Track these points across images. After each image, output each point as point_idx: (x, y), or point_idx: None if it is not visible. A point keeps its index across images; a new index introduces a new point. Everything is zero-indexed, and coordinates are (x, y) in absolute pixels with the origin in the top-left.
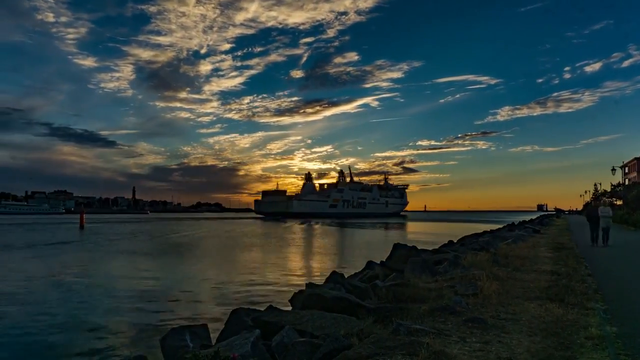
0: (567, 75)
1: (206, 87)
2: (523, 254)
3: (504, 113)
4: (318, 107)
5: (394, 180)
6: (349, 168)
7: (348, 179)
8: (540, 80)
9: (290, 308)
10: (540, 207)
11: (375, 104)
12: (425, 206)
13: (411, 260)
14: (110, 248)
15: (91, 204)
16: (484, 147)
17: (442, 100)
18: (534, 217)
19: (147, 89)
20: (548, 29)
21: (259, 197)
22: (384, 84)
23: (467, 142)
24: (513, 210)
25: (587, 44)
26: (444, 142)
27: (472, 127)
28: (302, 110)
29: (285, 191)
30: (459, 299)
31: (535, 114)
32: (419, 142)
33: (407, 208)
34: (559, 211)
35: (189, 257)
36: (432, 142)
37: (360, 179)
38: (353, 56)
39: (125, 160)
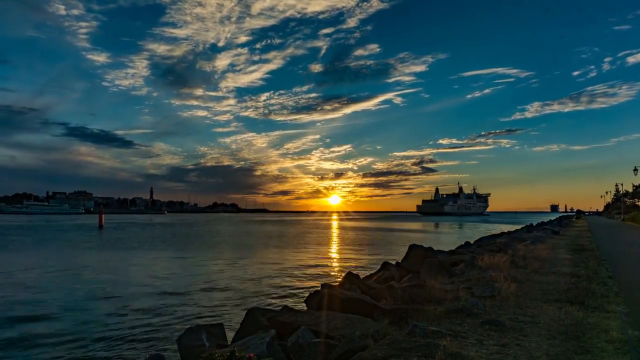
0: (607, 67)
1: (223, 84)
2: (542, 256)
3: (532, 109)
4: (337, 104)
5: (413, 179)
6: (458, 183)
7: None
8: (576, 73)
9: (305, 308)
10: (553, 208)
11: (396, 100)
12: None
13: (427, 262)
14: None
15: (110, 204)
16: (507, 145)
17: (469, 96)
18: (551, 218)
19: (162, 86)
20: (586, 15)
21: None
22: (407, 79)
23: (490, 140)
24: (526, 211)
25: (631, 31)
26: (465, 141)
27: (496, 125)
28: (320, 108)
29: (437, 200)
30: (475, 301)
31: (565, 110)
32: (440, 141)
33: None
34: (579, 212)
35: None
36: (454, 141)
37: (377, 179)
38: (374, 48)
39: (142, 161)
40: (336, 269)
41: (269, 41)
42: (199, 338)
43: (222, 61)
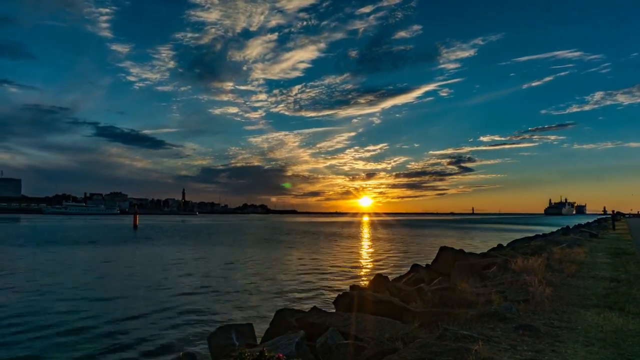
0: None
1: (253, 75)
2: (579, 259)
3: (592, 100)
4: (372, 97)
5: (449, 179)
6: (561, 197)
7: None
8: None
9: (334, 310)
10: (579, 209)
11: (438, 92)
12: (473, 209)
13: (458, 264)
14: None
15: (144, 205)
16: (555, 142)
17: (525, 85)
18: (590, 220)
19: (190, 80)
20: None
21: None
22: (451, 67)
23: (536, 136)
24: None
25: None
26: (508, 138)
27: (547, 119)
28: (355, 101)
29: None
30: (509, 305)
31: (627, 103)
32: (481, 138)
33: (453, 210)
34: (618, 214)
35: None
36: (496, 138)
37: (410, 179)
38: (417, 29)
39: (173, 161)
40: (365, 271)
41: (303, 23)
42: (228, 337)
43: (253, 50)
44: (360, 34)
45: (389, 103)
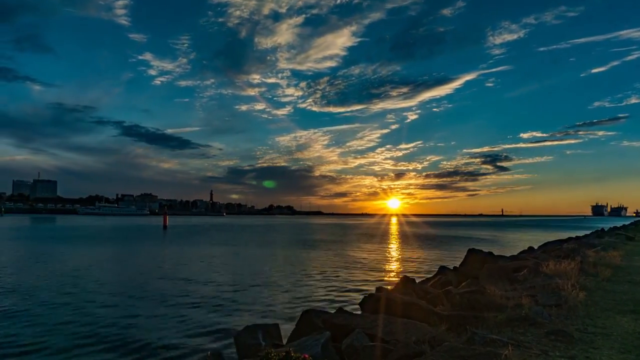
0: None
1: (281, 65)
2: (614, 263)
3: None
4: (406, 90)
5: (482, 180)
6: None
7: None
8: None
9: (360, 311)
10: (597, 210)
11: (481, 82)
12: (502, 210)
13: (487, 267)
14: None
15: (173, 206)
16: (602, 138)
17: (583, 74)
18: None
19: (212, 73)
20: None
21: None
22: (497, 52)
23: (581, 132)
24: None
25: None
26: (550, 134)
27: (598, 112)
28: (388, 94)
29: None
30: (540, 310)
31: None
32: (521, 135)
33: (483, 212)
34: None
35: None
36: (537, 134)
37: (440, 180)
38: (459, 5)
39: (199, 162)
40: (391, 272)
41: (337, 1)
42: (255, 337)
43: (281, 35)
44: (399, 12)
45: (425, 96)
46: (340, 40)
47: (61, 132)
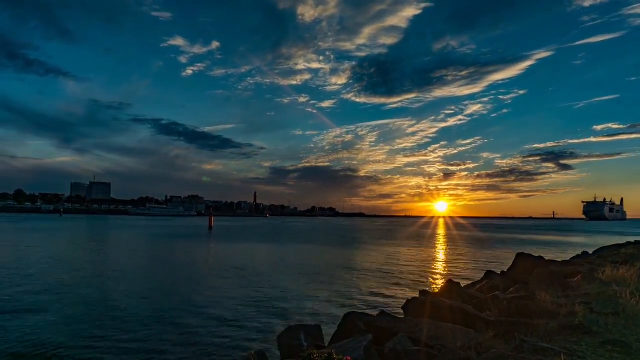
0: None
1: (325, 43)
2: None
3: None
4: (463, 73)
5: (540, 180)
6: None
7: None
8: None
9: (402, 315)
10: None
11: (558, 61)
12: (554, 213)
13: (537, 272)
14: None
15: (218, 208)
16: None
17: None
18: None
19: (247, 58)
20: None
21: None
22: (586, 19)
23: None
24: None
25: None
26: (628, 126)
27: None
28: (445, 77)
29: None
30: (595, 318)
31: None
32: (595, 127)
33: (532, 214)
34: None
35: None
36: (614, 126)
37: (492, 180)
38: None
39: (241, 163)
40: (435, 276)
41: None
42: (297, 337)
43: (326, 7)
44: None
45: (483, 83)
46: (393, 15)
47: (100, 132)
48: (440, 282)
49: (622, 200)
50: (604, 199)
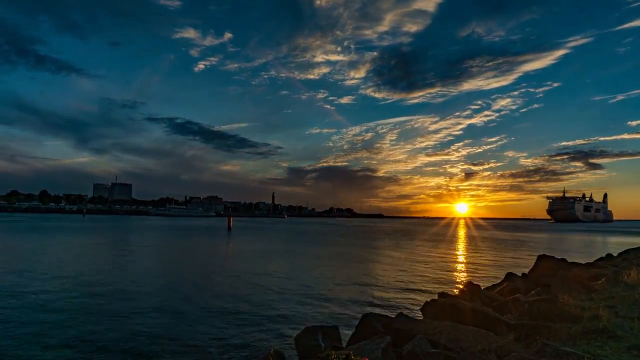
0: None
1: (345, 32)
2: None
3: None
4: (490, 64)
5: (566, 179)
6: None
7: None
8: None
9: (421, 317)
10: None
11: (595, 49)
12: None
13: (559, 274)
14: None
15: (237, 208)
16: None
17: None
18: None
19: (262, 49)
20: None
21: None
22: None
23: None
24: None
25: None
26: None
27: None
28: (469, 67)
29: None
30: (620, 322)
31: None
32: (629, 123)
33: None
34: None
35: None
36: None
37: (515, 180)
38: None
39: (258, 163)
40: (454, 277)
41: None
42: (315, 338)
43: None
44: None
45: (520, 70)
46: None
47: (116, 132)
48: (459, 284)
49: (605, 195)
50: (583, 195)
